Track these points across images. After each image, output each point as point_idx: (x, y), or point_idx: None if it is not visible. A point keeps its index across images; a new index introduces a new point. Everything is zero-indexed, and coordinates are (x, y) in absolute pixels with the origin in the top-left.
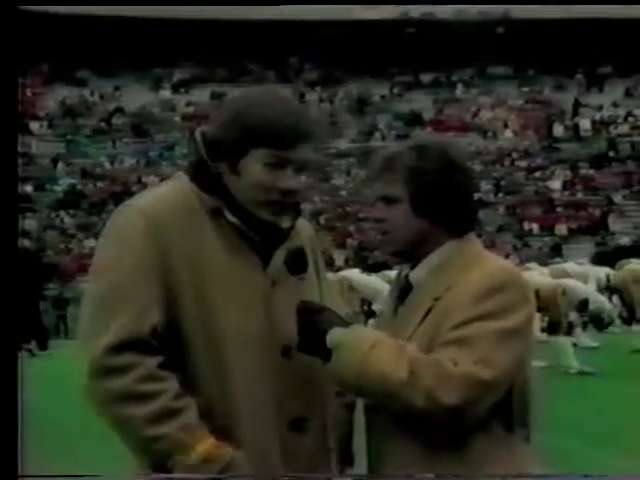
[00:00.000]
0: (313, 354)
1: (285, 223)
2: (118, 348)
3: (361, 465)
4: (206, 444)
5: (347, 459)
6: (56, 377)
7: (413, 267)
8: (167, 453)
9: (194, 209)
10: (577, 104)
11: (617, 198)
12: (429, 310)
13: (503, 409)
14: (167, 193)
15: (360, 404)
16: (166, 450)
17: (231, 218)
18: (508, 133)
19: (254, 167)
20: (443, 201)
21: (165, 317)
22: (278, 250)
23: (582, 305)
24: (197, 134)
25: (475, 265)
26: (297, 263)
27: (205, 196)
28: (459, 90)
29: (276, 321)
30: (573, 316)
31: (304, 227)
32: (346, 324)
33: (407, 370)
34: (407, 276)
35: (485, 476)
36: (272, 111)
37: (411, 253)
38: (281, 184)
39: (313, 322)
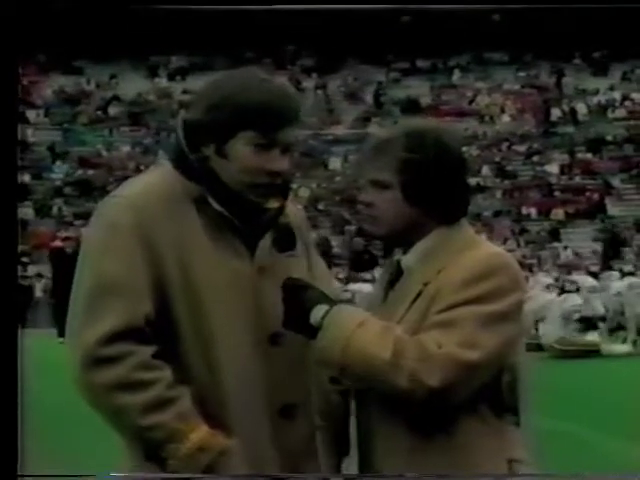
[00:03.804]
0: (298, 331)
1: (273, 204)
2: (112, 338)
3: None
4: (200, 432)
5: (342, 444)
6: (57, 368)
7: (405, 252)
8: (161, 442)
9: (179, 197)
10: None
11: (615, 182)
12: (418, 295)
13: (492, 393)
14: (153, 182)
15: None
16: (160, 439)
17: (215, 205)
18: (505, 118)
19: (242, 149)
20: (435, 189)
21: (156, 307)
22: (263, 238)
23: None
24: (178, 122)
25: (466, 251)
26: (285, 240)
27: (189, 184)
28: (456, 76)
29: (264, 308)
30: None
31: (294, 210)
32: (331, 302)
33: (391, 350)
34: (399, 261)
35: (482, 475)
36: (261, 93)
37: (400, 238)
38: (269, 166)
39: (298, 299)
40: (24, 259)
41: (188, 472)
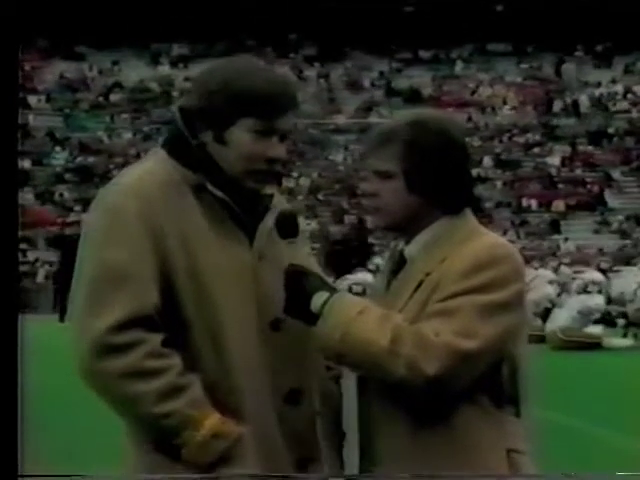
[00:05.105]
0: (298, 317)
1: (269, 190)
2: (123, 325)
3: (351, 440)
4: (214, 420)
5: (338, 432)
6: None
7: (408, 242)
8: (176, 429)
9: (177, 185)
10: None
11: (615, 174)
12: (420, 284)
13: (492, 384)
14: (151, 169)
15: (348, 379)
16: (175, 426)
17: (215, 192)
18: (507, 109)
19: (242, 136)
20: (438, 178)
21: (163, 294)
22: (261, 224)
23: None
24: (175, 109)
25: (468, 241)
26: (289, 226)
27: (187, 172)
28: (458, 67)
29: (264, 295)
30: None
31: (280, 200)
32: (332, 289)
33: (389, 338)
34: (402, 251)
35: (480, 475)
36: (260, 80)
37: (403, 229)
38: (269, 153)
39: (300, 285)
40: (24, 245)
41: (203, 459)
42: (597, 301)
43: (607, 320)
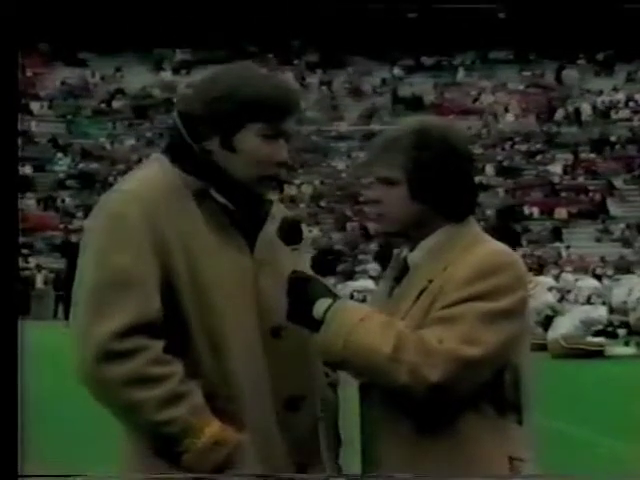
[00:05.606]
0: (301, 324)
1: (274, 196)
2: (128, 331)
3: (349, 445)
4: (214, 427)
5: (338, 439)
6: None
7: (412, 249)
8: (177, 437)
9: (179, 191)
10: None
11: (618, 182)
12: (423, 291)
13: (495, 391)
14: (153, 176)
15: (346, 385)
16: (176, 434)
17: (220, 199)
18: (509, 117)
19: (251, 141)
20: (442, 185)
21: (165, 300)
22: (262, 231)
23: None
24: (174, 115)
25: (472, 248)
26: (293, 233)
27: (189, 178)
28: (460, 74)
29: (265, 301)
30: None
31: (279, 207)
32: (335, 296)
33: (392, 345)
34: (405, 258)
35: (480, 476)
36: (264, 85)
37: (406, 235)
38: (276, 157)
39: (302, 291)
40: (26, 251)
41: (203, 466)
42: (600, 312)
43: (608, 332)
